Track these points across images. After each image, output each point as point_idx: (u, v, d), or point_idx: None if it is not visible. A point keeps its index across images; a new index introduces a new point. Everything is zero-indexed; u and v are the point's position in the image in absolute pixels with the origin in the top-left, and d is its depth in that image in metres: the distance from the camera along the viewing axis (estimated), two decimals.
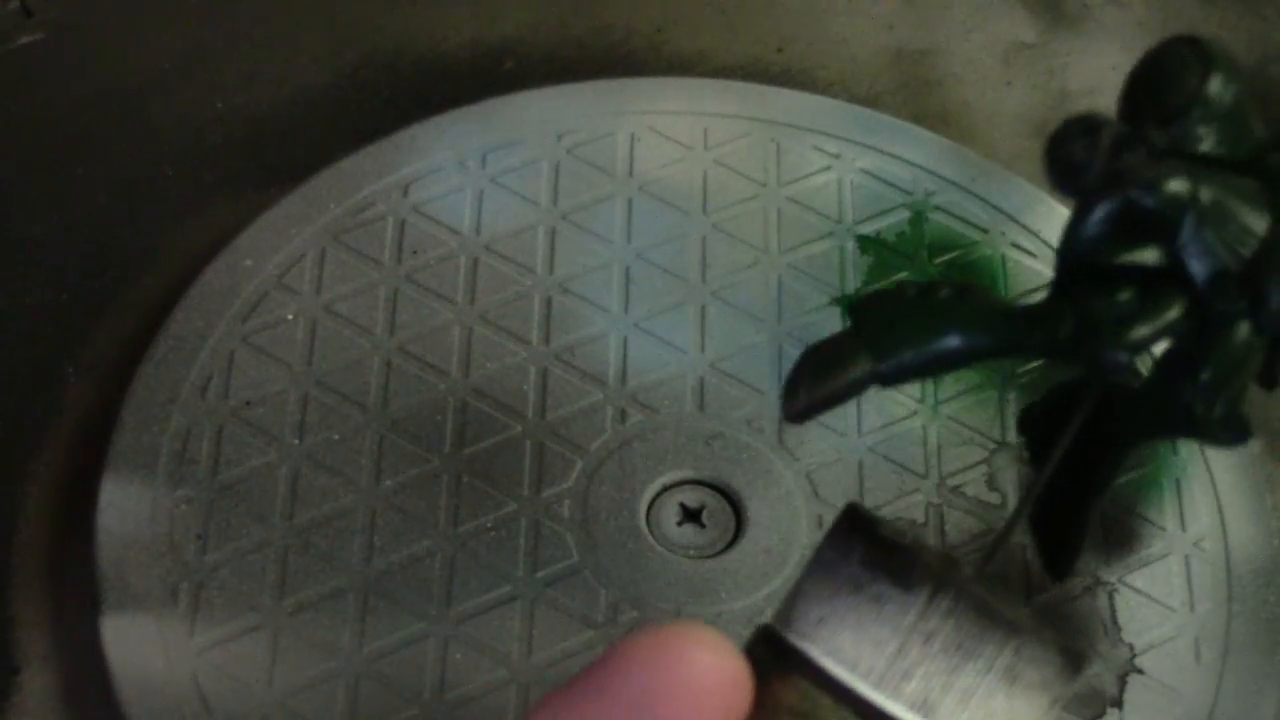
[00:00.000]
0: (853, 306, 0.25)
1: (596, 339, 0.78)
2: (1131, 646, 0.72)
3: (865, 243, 0.83)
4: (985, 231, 0.84)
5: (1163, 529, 0.76)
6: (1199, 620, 0.73)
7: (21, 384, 0.79)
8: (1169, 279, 0.26)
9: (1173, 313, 0.25)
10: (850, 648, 0.23)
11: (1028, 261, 0.83)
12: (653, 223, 0.83)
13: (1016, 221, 0.85)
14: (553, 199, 0.83)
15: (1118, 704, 0.71)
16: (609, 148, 0.85)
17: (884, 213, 0.84)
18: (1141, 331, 0.25)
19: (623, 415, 0.76)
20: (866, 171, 0.86)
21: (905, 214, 0.85)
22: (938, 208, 0.85)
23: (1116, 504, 0.76)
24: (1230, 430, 0.26)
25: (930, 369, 0.25)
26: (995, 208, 0.85)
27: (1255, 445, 0.80)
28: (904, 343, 0.26)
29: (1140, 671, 0.72)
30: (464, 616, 0.70)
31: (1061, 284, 0.26)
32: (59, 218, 0.85)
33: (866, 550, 0.24)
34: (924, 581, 0.23)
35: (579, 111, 0.86)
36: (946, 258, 0.83)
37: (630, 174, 0.84)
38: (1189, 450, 0.78)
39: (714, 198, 0.84)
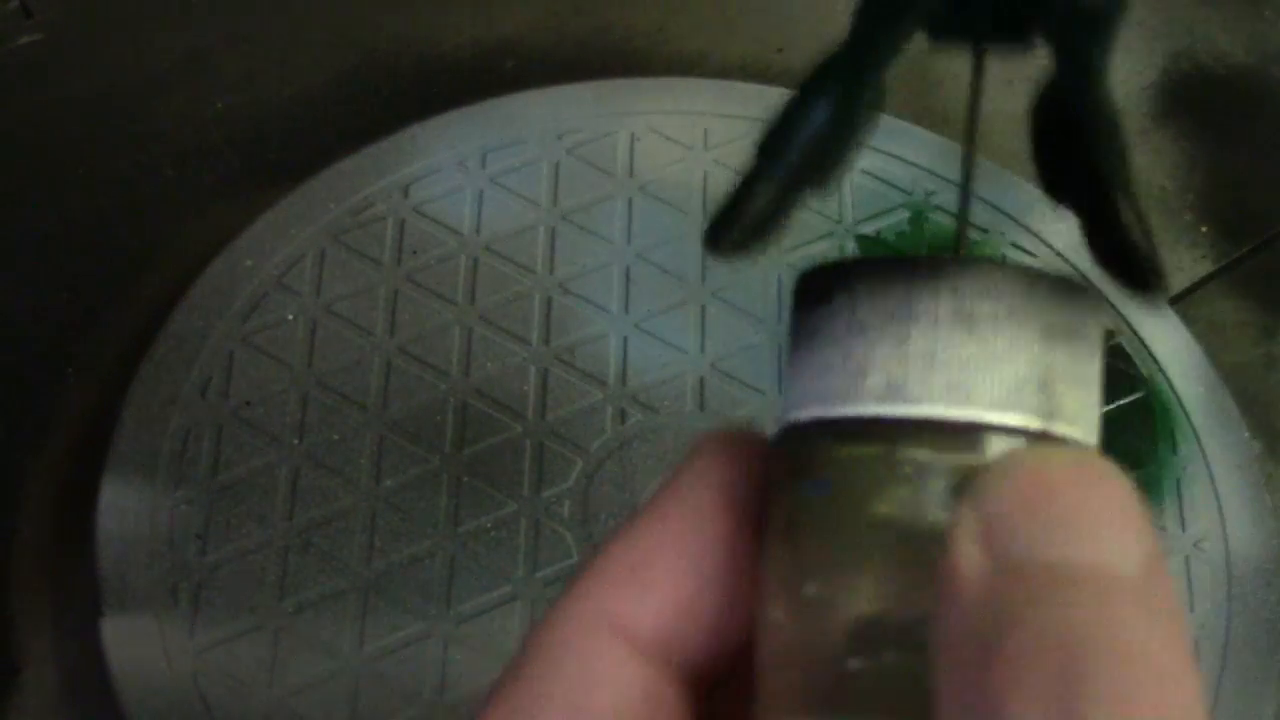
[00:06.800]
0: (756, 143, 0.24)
1: (596, 339, 0.78)
2: None
3: (865, 243, 0.83)
4: (985, 231, 0.84)
5: (1163, 529, 0.76)
6: (1199, 620, 0.73)
7: (21, 384, 0.79)
8: None
9: None
10: (809, 388, 0.21)
11: (1028, 261, 0.83)
12: (653, 223, 0.83)
13: (1016, 221, 0.85)
14: (553, 199, 0.83)
15: None
16: (609, 148, 0.85)
17: (884, 213, 0.84)
18: None
19: (623, 415, 0.76)
20: (866, 171, 0.86)
21: (905, 214, 0.85)
22: (938, 208, 0.85)
23: None
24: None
25: (828, 146, 0.23)
26: (995, 208, 0.85)
27: (1255, 445, 0.80)
28: (791, 126, 0.24)
29: None
30: (464, 616, 0.70)
31: None
32: (59, 218, 0.85)
33: (797, 300, 0.22)
34: (840, 283, 0.20)
35: (579, 111, 0.86)
36: None
37: (630, 174, 0.84)
38: (1189, 450, 0.78)
39: (714, 198, 0.84)
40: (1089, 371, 0.21)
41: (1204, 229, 0.90)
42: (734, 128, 0.87)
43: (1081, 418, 0.20)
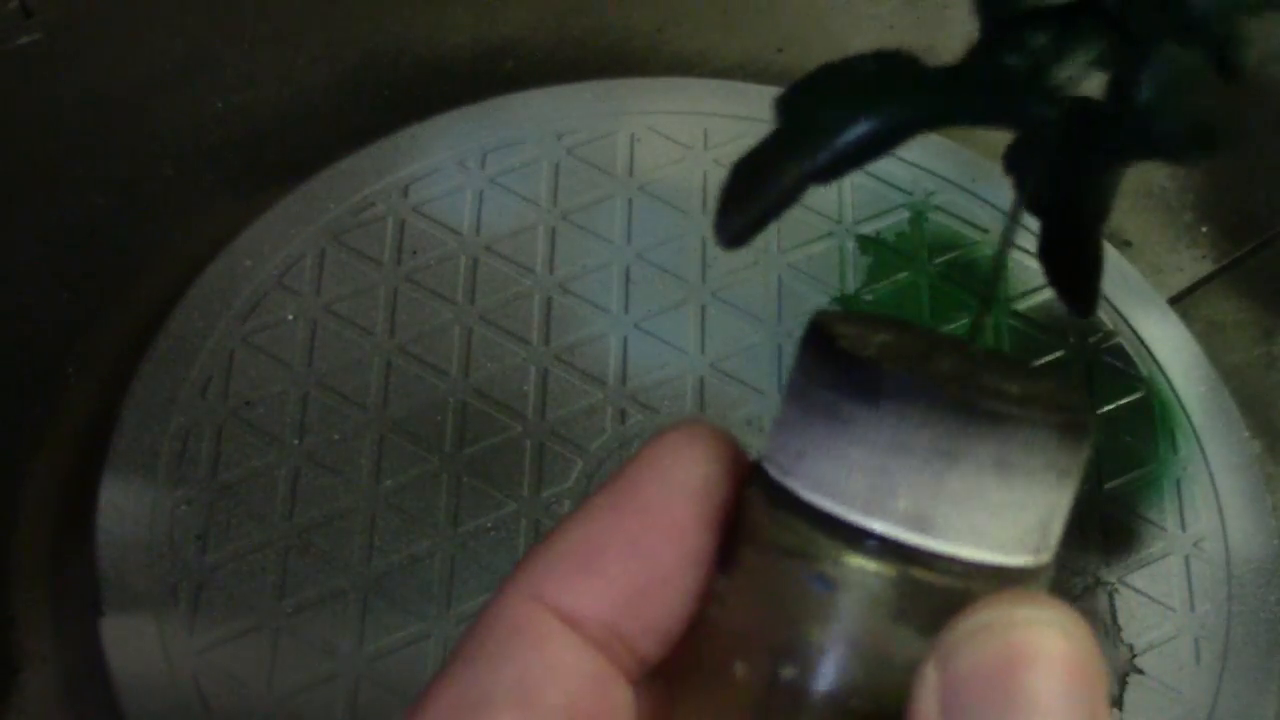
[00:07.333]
0: (778, 100, 0.24)
1: (596, 339, 0.78)
2: (1132, 647, 0.72)
3: (865, 243, 0.83)
4: (985, 231, 0.84)
5: (1163, 529, 0.76)
6: (1199, 620, 0.73)
7: (21, 384, 0.79)
8: (1086, 12, 0.24)
9: (1090, 49, 0.24)
10: (830, 477, 0.21)
11: (1028, 261, 0.83)
12: (653, 223, 0.83)
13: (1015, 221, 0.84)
14: (553, 199, 0.83)
15: (1118, 705, 0.71)
16: (609, 148, 0.85)
17: (884, 213, 0.84)
18: (1059, 75, 0.24)
19: (623, 415, 0.76)
20: (866, 171, 0.86)
21: (905, 214, 0.85)
22: (938, 208, 0.85)
23: (1116, 504, 0.76)
24: (1192, 145, 0.24)
25: (865, 153, 0.24)
26: (995, 208, 0.85)
27: (1255, 445, 0.80)
28: (829, 132, 0.24)
29: (1140, 672, 0.72)
30: (464, 616, 0.70)
31: (982, 40, 0.25)
32: (59, 218, 0.85)
33: (827, 371, 0.22)
34: (890, 395, 0.21)
35: (579, 111, 0.86)
36: (946, 258, 0.83)
37: (630, 174, 0.84)
38: (1189, 450, 0.78)
39: (714, 198, 0.84)
40: (1071, 499, 0.22)
41: (1204, 229, 0.90)
42: (734, 128, 0.87)
43: (1057, 539, 0.22)
